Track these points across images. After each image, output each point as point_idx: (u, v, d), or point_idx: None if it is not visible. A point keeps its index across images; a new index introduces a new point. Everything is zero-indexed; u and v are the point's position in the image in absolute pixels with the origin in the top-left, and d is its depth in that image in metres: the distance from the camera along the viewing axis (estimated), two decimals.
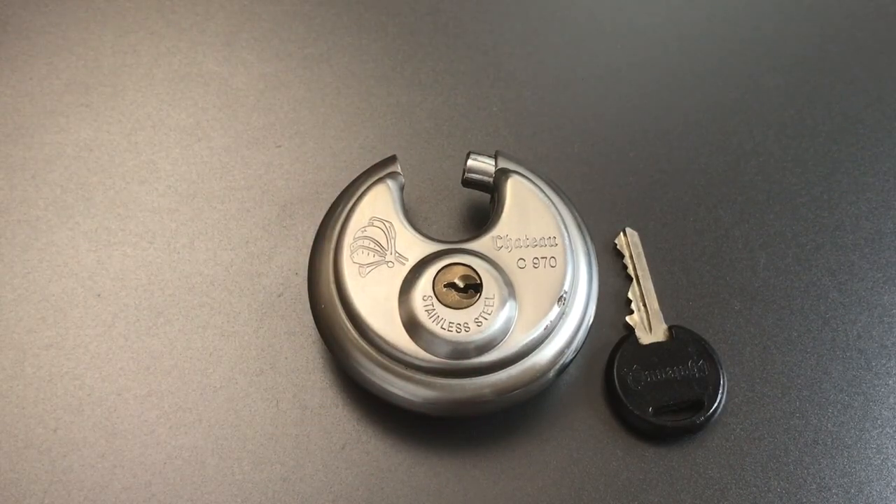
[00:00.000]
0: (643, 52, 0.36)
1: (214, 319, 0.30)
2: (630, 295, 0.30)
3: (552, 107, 0.34)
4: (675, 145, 0.34)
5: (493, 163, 0.28)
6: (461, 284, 0.26)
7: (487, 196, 0.29)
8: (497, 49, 0.35)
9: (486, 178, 0.28)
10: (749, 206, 0.33)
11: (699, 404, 0.28)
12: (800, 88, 0.35)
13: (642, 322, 0.30)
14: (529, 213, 0.27)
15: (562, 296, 0.26)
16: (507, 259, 0.26)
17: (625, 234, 0.31)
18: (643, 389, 0.28)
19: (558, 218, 0.27)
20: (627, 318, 0.30)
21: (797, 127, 0.34)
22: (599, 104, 0.34)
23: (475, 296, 0.25)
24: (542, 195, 0.27)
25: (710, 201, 0.33)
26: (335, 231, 0.27)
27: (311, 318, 0.30)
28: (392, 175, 0.27)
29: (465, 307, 0.25)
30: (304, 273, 0.28)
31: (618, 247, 0.31)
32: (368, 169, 0.28)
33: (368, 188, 0.27)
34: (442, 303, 0.25)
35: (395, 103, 0.34)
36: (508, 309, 0.25)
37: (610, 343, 0.29)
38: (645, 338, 0.29)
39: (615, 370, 0.29)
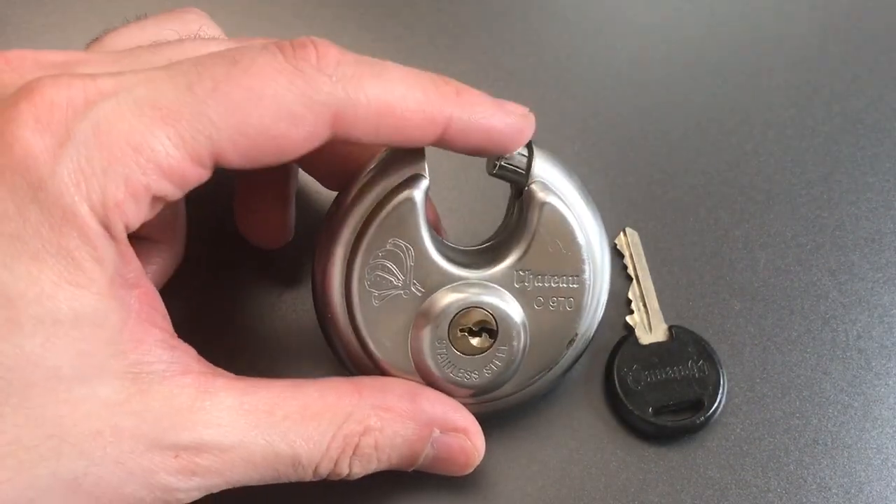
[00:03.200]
0: (643, 53, 0.36)
1: (213, 321, 0.30)
2: (630, 295, 0.30)
3: (552, 107, 0.34)
4: (675, 145, 0.34)
5: (527, 155, 0.25)
6: (476, 328, 0.25)
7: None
8: (497, 49, 0.35)
9: (517, 176, 0.25)
10: (749, 206, 0.33)
11: (699, 404, 0.28)
12: (800, 88, 0.35)
13: (642, 322, 0.30)
14: (558, 245, 0.25)
15: (572, 339, 0.26)
16: (526, 296, 0.25)
17: (625, 234, 0.31)
18: (643, 389, 0.28)
19: (587, 254, 0.25)
20: (627, 318, 0.30)
21: (797, 127, 0.34)
22: (599, 104, 0.34)
23: (489, 342, 0.25)
24: (575, 224, 0.25)
25: (710, 201, 0.33)
26: (344, 246, 0.24)
27: (312, 319, 0.30)
28: (415, 180, 0.24)
29: (478, 353, 0.25)
30: (303, 273, 0.28)
31: (618, 247, 0.31)
32: (386, 165, 0.25)
33: (386, 199, 0.24)
34: (455, 347, 0.25)
35: None
36: (519, 357, 0.25)
37: (610, 343, 0.29)
38: (645, 338, 0.29)
39: (615, 370, 0.29)
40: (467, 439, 0.25)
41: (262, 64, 0.20)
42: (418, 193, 0.24)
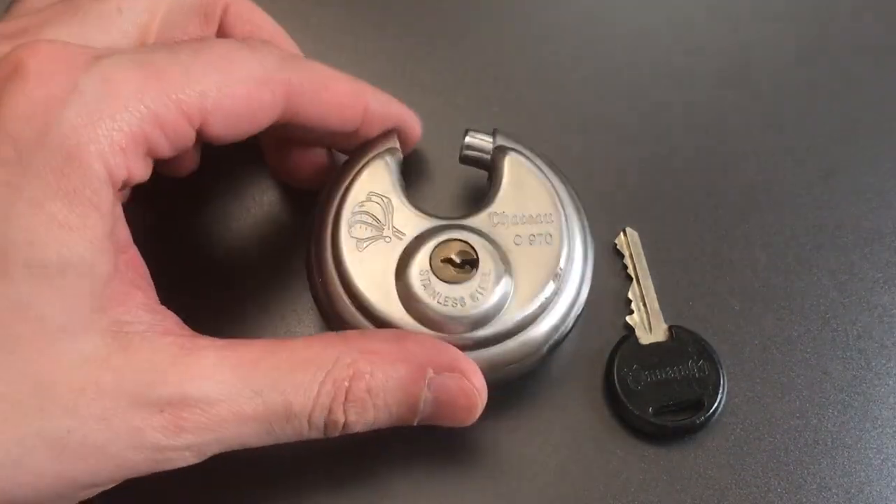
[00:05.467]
0: (643, 53, 0.36)
1: (212, 320, 0.30)
2: (630, 295, 0.30)
3: (552, 107, 0.34)
4: (675, 145, 0.34)
5: (492, 140, 0.28)
6: (458, 260, 0.26)
7: (485, 175, 0.29)
8: (497, 49, 0.35)
9: (483, 156, 0.28)
10: (749, 206, 0.33)
11: (699, 404, 0.28)
12: (800, 88, 0.35)
13: (642, 322, 0.30)
14: (526, 190, 0.27)
15: (557, 272, 0.26)
16: (503, 235, 0.26)
17: (625, 234, 0.31)
18: (643, 389, 0.28)
19: (555, 195, 0.27)
20: (627, 318, 0.30)
21: (797, 127, 0.34)
22: (599, 104, 0.34)
23: (472, 271, 0.26)
24: (539, 173, 0.27)
25: (710, 201, 0.33)
26: (333, 205, 0.27)
27: (311, 317, 0.30)
28: (390, 151, 0.27)
29: (462, 282, 0.25)
30: (303, 272, 0.28)
31: (618, 247, 0.31)
32: (366, 143, 0.28)
33: (367, 163, 0.27)
34: (439, 277, 0.25)
35: None
36: (504, 284, 0.26)
37: (610, 343, 0.29)
38: (645, 338, 0.29)
39: (615, 370, 0.29)
40: (464, 379, 0.24)
41: (223, 42, 0.24)
42: (392, 159, 0.27)
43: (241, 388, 0.21)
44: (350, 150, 0.29)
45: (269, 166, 0.31)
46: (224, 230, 0.31)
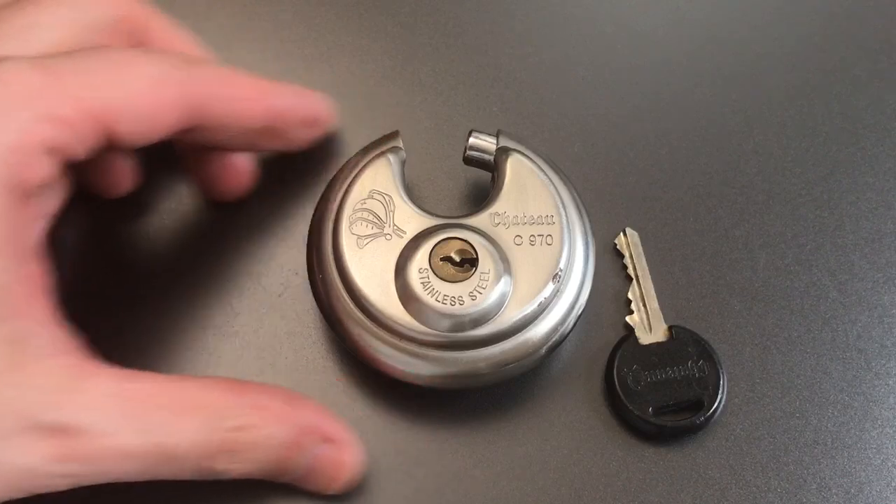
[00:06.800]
0: (643, 53, 0.36)
1: (213, 320, 0.30)
2: (630, 295, 0.30)
3: (552, 107, 0.34)
4: (675, 145, 0.34)
5: (495, 141, 0.29)
6: (457, 258, 0.26)
7: (488, 175, 0.29)
8: (497, 49, 0.35)
9: (486, 157, 0.29)
10: (749, 206, 0.33)
11: (699, 404, 0.28)
12: (800, 88, 0.35)
13: (642, 322, 0.30)
14: (528, 191, 0.27)
15: (557, 273, 0.26)
16: (504, 235, 0.27)
17: (625, 234, 0.31)
18: (643, 389, 0.28)
19: (556, 197, 0.27)
20: (627, 318, 0.30)
21: (797, 127, 0.34)
22: (599, 105, 0.34)
23: (471, 270, 0.26)
24: (541, 174, 0.28)
25: (710, 201, 0.33)
26: (335, 203, 0.27)
27: (311, 318, 0.30)
28: (394, 150, 0.28)
29: (461, 281, 0.26)
30: (303, 273, 0.28)
31: (618, 247, 0.31)
32: (370, 143, 0.28)
33: (369, 161, 0.27)
34: (438, 276, 0.26)
35: (394, 104, 0.34)
36: (503, 284, 0.26)
37: (610, 343, 0.29)
38: (645, 338, 0.29)
39: (615, 370, 0.29)
40: (340, 451, 0.25)
41: (119, 48, 0.24)
42: (394, 158, 0.28)
43: (129, 424, 0.21)
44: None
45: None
46: (224, 229, 0.31)
